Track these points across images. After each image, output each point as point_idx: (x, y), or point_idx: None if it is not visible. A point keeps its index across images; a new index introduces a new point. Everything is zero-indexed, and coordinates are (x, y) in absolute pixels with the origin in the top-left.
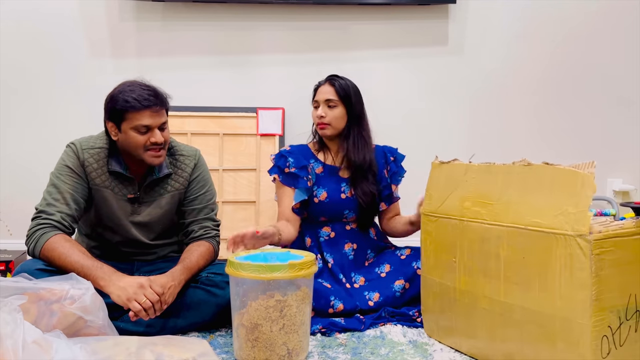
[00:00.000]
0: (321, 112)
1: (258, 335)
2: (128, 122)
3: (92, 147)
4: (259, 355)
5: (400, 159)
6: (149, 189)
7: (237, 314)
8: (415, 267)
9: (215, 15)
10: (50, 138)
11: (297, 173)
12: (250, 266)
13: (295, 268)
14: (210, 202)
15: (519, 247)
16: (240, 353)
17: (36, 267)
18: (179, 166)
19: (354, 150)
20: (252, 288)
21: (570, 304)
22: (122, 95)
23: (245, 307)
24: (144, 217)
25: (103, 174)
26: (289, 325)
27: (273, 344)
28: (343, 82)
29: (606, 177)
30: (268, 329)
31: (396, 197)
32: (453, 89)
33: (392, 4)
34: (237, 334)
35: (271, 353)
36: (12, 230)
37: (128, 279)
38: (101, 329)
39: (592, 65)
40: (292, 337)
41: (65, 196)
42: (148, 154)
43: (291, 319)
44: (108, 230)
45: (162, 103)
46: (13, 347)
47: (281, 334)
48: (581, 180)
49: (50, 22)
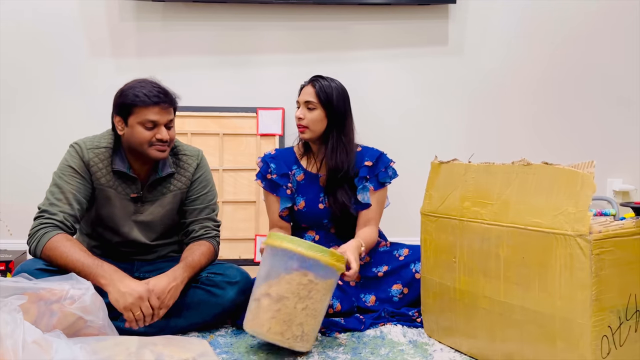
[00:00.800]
0: (299, 114)
1: (280, 308)
2: (136, 117)
3: (96, 147)
4: (275, 327)
5: (383, 163)
6: (151, 188)
7: (264, 283)
8: (414, 270)
9: (215, 15)
10: (51, 138)
11: (277, 181)
12: (294, 240)
13: (334, 257)
14: (212, 202)
15: (519, 247)
16: (254, 322)
17: (36, 267)
18: (181, 166)
19: (331, 155)
20: (289, 260)
21: (570, 304)
22: (133, 90)
23: (277, 277)
24: (146, 216)
25: (108, 174)
26: (311, 308)
27: (292, 320)
28: (326, 83)
29: (606, 177)
30: (292, 305)
31: (364, 204)
32: (453, 89)
33: (392, 4)
34: (258, 304)
35: (287, 329)
36: (12, 230)
37: (130, 284)
38: (101, 329)
39: (592, 66)
40: (310, 321)
41: (68, 196)
42: (152, 148)
43: (315, 304)
44: (108, 230)
45: (171, 102)
46: (13, 347)
47: (302, 314)
48: (581, 180)
49: (50, 22)
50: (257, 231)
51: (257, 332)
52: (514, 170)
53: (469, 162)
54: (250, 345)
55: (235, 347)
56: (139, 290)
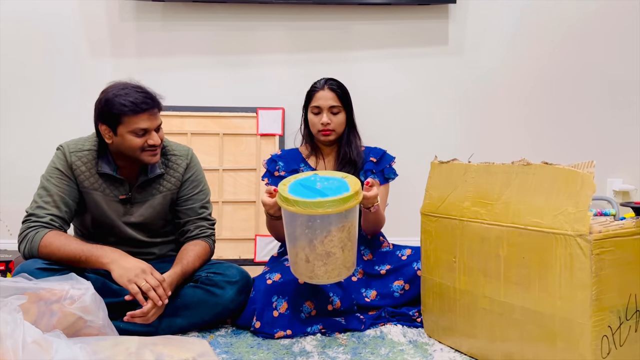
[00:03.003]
0: (326, 119)
1: (329, 261)
2: (125, 126)
3: (80, 150)
4: (332, 273)
5: (387, 160)
6: (140, 189)
7: (307, 244)
8: (416, 267)
9: (215, 15)
10: (51, 138)
11: (286, 177)
12: (324, 202)
13: (357, 192)
14: (205, 201)
15: (519, 247)
16: (310, 276)
17: (36, 266)
18: (170, 166)
19: (350, 150)
20: (330, 221)
21: (570, 304)
22: (118, 99)
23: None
24: (136, 217)
25: (92, 176)
26: (353, 241)
27: (344, 263)
28: (340, 84)
29: (606, 177)
30: (340, 253)
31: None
32: (453, 89)
33: (392, 4)
34: (307, 264)
35: (342, 269)
36: (12, 230)
37: (131, 261)
38: (101, 329)
39: (592, 65)
40: (354, 248)
41: (55, 199)
42: (145, 154)
43: (353, 236)
44: (102, 231)
45: (157, 105)
46: (13, 347)
47: (349, 254)
48: (581, 180)
49: (50, 22)
50: (257, 231)
51: (316, 282)
52: (514, 170)
53: (469, 162)
54: (250, 346)
55: (235, 347)
56: (140, 265)
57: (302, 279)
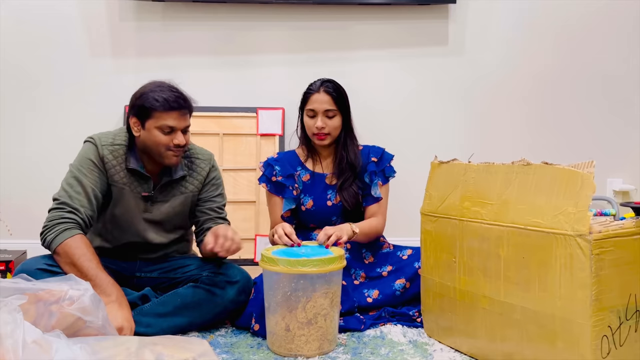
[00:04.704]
0: (320, 123)
1: (312, 330)
2: (154, 121)
3: (111, 144)
4: (313, 345)
5: (387, 159)
6: (163, 189)
7: (287, 312)
8: (417, 266)
9: (215, 15)
10: (51, 138)
11: (283, 182)
12: (308, 261)
13: (341, 256)
14: (223, 204)
15: (519, 247)
16: (288, 348)
17: (36, 267)
18: (194, 169)
19: (347, 153)
20: (313, 283)
21: (570, 304)
22: (153, 94)
23: (300, 303)
24: (155, 215)
25: (122, 171)
26: (335, 309)
27: (325, 334)
28: (336, 87)
29: (606, 177)
30: (322, 321)
31: (376, 197)
32: (453, 89)
33: (392, 4)
34: (287, 332)
35: (323, 341)
36: (12, 230)
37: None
38: (100, 329)
39: (593, 65)
40: (336, 316)
41: (87, 190)
42: (168, 153)
43: (336, 304)
44: (118, 228)
45: (189, 107)
46: (13, 347)
47: (331, 324)
48: (581, 179)
49: (50, 22)
50: (257, 231)
51: (294, 356)
52: (514, 170)
53: (469, 162)
54: (250, 346)
55: (235, 347)
56: (125, 322)
57: (280, 352)
